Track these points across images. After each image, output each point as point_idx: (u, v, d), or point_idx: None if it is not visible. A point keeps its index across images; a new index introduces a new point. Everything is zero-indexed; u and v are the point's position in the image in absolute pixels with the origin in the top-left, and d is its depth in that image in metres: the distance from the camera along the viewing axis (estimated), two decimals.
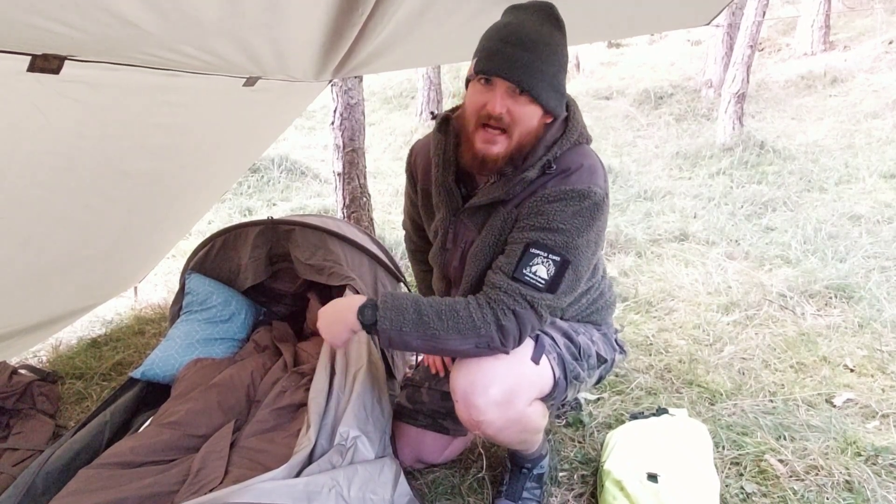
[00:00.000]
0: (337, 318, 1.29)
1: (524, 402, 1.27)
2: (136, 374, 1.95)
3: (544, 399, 1.34)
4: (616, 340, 1.55)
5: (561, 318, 1.44)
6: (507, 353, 1.23)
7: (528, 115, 1.17)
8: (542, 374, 1.30)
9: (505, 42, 1.13)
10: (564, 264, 1.18)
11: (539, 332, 1.33)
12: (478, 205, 1.31)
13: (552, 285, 1.19)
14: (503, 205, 1.28)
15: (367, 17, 1.48)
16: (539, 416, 1.35)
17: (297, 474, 1.25)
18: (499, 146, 1.19)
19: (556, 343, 1.34)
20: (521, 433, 1.35)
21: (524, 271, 1.19)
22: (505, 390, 1.23)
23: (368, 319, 1.23)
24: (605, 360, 1.46)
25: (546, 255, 1.18)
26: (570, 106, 1.31)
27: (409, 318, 1.20)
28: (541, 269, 1.18)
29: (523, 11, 1.18)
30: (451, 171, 1.35)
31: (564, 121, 1.29)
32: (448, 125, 1.35)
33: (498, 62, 1.13)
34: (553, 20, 1.17)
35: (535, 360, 1.28)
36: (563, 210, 1.19)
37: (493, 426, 1.26)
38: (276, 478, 1.21)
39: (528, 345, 1.29)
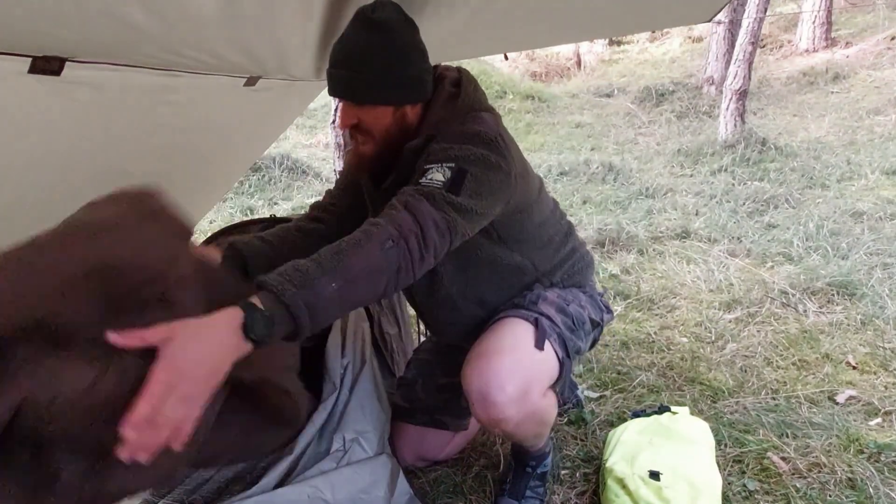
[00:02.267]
0: (202, 357, 0.79)
1: (539, 394, 1.27)
2: None
3: (553, 385, 1.34)
4: (601, 301, 1.55)
5: (541, 282, 1.44)
6: (409, 249, 1.03)
7: (377, 117, 1.24)
8: (549, 360, 1.30)
9: (332, 65, 1.23)
10: (461, 171, 1.14)
11: (537, 315, 1.32)
12: (386, 188, 1.31)
13: (452, 186, 1.13)
14: (395, 189, 1.22)
15: None
16: (553, 407, 1.36)
17: (278, 485, 1.22)
18: (367, 146, 1.28)
19: (555, 322, 1.34)
20: (538, 426, 1.35)
21: (420, 181, 1.14)
22: (520, 385, 1.23)
23: (262, 330, 0.84)
24: (598, 324, 1.47)
25: (440, 164, 1.16)
26: (461, 82, 1.31)
27: (312, 276, 0.92)
28: (436, 175, 1.14)
29: (349, 26, 1.22)
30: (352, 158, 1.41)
31: (454, 98, 1.28)
32: None
33: (332, 86, 1.24)
34: (369, 25, 1.18)
35: (540, 346, 1.27)
36: (452, 141, 1.19)
37: (511, 423, 1.25)
38: (252, 494, 1.18)
39: (530, 331, 1.29)
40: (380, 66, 1.19)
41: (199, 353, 0.78)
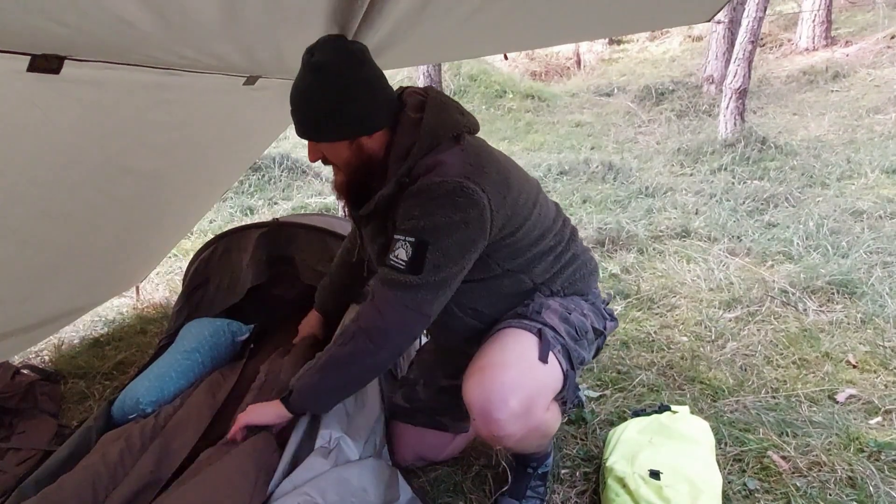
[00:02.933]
0: (266, 410, 1.41)
1: (543, 408, 1.25)
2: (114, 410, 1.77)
3: (557, 396, 1.32)
4: (605, 309, 1.53)
5: (540, 290, 1.42)
6: (368, 333, 1.26)
7: (335, 151, 1.31)
8: (553, 373, 1.27)
9: (290, 110, 1.31)
10: (421, 245, 1.20)
11: (540, 326, 1.30)
12: (362, 216, 1.39)
13: (413, 266, 1.21)
14: (377, 218, 1.36)
15: (366, 13, 1.48)
16: (556, 420, 1.34)
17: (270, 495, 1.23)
18: (338, 176, 1.38)
19: (559, 332, 1.32)
20: (541, 439, 1.35)
21: (389, 257, 1.24)
22: (523, 400, 1.20)
23: (291, 401, 1.37)
24: (602, 332, 1.46)
25: (403, 238, 1.22)
26: (425, 106, 1.31)
27: (312, 370, 1.33)
28: (401, 252, 1.22)
29: (300, 71, 1.28)
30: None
31: (417, 125, 1.28)
32: None
33: (295, 128, 1.33)
34: (311, 68, 1.24)
35: (544, 359, 1.25)
36: (413, 203, 1.23)
37: (513, 438, 1.24)
38: None
39: (533, 343, 1.27)
40: (323, 105, 1.25)
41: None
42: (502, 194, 1.27)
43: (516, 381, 1.21)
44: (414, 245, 1.20)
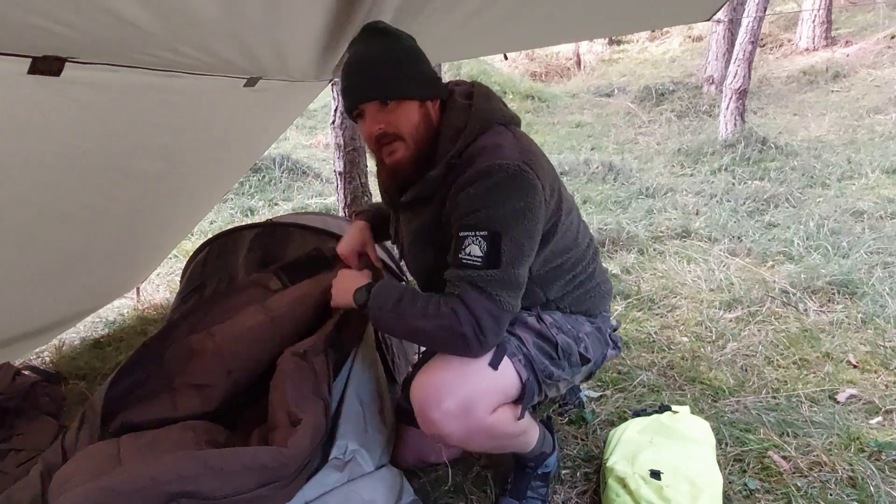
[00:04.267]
0: (345, 286, 1.42)
1: (484, 411, 1.23)
2: None
3: (516, 402, 1.31)
4: (610, 335, 1.51)
5: (548, 307, 1.41)
6: (465, 337, 1.18)
7: (406, 114, 1.27)
8: (504, 379, 1.25)
9: (347, 77, 1.28)
10: (495, 237, 1.17)
11: (505, 335, 1.29)
12: (405, 202, 1.36)
13: (491, 260, 1.17)
14: (426, 203, 1.32)
15: (366, 13, 1.48)
16: (507, 422, 1.30)
17: None
18: (399, 151, 1.29)
19: (524, 343, 1.30)
20: (492, 440, 1.32)
21: (460, 256, 1.20)
22: (460, 401, 1.20)
23: (360, 301, 1.34)
24: (589, 360, 1.41)
25: (473, 233, 1.19)
26: (473, 94, 1.33)
27: (391, 300, 1.26)
28: (474, 248, 1.18)
29: (353, 44, 1.30)
30: (383, 172, 1.42)
31: (467, 110, 1.30)
32: None
33: (352, 95, 1.28)
34: (376, 33, 1.27)
35: (494, 365, 1.24)
36: (474, 192, 1.20)
37: (454, 437, 1.24)
38: None
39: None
40: (396, 63, 1.25)
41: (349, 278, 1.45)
42: (551, 185, 1.29)
43: (454, 382, 1.22)
44: (487, 238, 1.17)
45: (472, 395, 1.22)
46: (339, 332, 1.55)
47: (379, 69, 1.24)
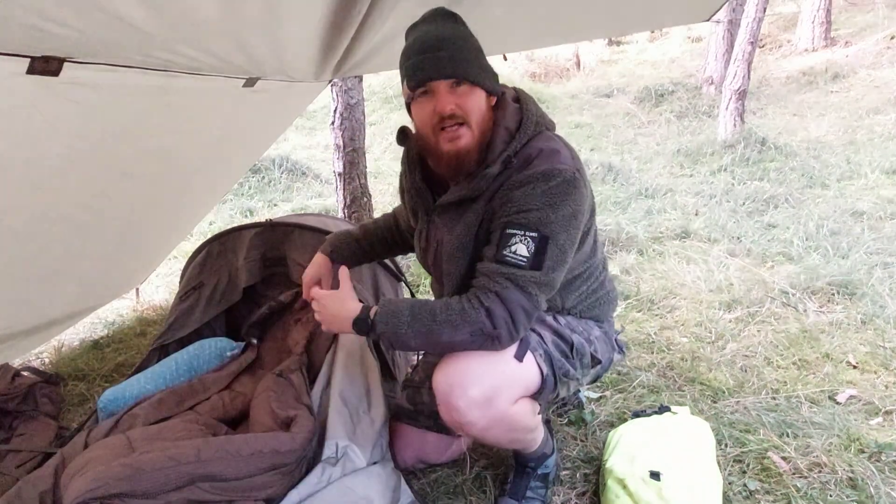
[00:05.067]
0: (333, 312, 1.34)
1: (507, 402, 1.25)
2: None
3: (533, 396, 1.32)
4: (616, 340, 1.54)
5: (561, 313, 1.42)
6: (499, 338, 1.20)
7: (476, 100, 1.24)
8: (527, 372, 1.28)
9: (421, 53, 1.21)
10: (543, 240, 1.18)
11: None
12: (447, 203, 1.34)
13: (535, 261, 1.18)
14: (473, 202, 1.30)
15: (365, 14, 1.48)
16: (527, 415, 1.33)
17: None
18: (465, 138, 1.24)
19: (544, 340, 1.33)
20: (509, 433, 1.34)
21: (504, 252, 1.20)
22: (485, 390, 1.22)
23: (362, 330, 1.28)
24: (600, 362, 1.44)
25: (523, 233, 1.19)
26: (521, 98, 1.34)
27: (404, 320, 1.22)
28: (520, 248, 1.19)
29: (421, 24, 1.27)
30: (417, 172, 1.41)
31: (519, 112, 1.31)
32: (405, 134, 1.43)
33: (426, 70, 1.21)
34: (448, 17, 1.27)
35: (519, 357, 1.26)
36: (531, 192, 1.20)
37: (476, 427, 1.25)
38: None
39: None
40: (473, 49, 1.25)
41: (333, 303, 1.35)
42: (591, 195, 1.31)
43: (481, 372, 1.23)
44: (536, 240, 1.18)
45: (498, 385, 1.23)
46: (308, 350, 1.69)
47: (456, 50, 1.21)
